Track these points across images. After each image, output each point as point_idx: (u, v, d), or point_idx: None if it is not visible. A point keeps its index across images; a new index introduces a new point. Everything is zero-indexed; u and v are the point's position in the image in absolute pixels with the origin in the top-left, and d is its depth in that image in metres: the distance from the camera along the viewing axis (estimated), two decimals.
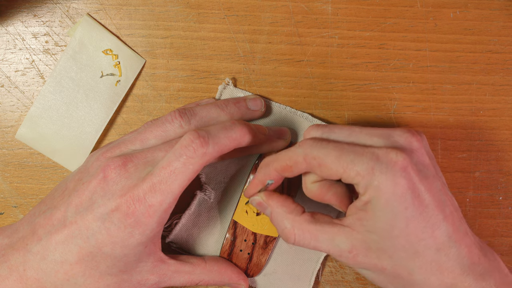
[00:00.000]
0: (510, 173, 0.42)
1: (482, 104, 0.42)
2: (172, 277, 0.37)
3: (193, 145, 0.32)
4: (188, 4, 0.41)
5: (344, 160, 0.31)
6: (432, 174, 0.31)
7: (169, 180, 0.33)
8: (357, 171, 0.30)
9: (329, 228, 0.32)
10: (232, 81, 0.41)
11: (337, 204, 0.35)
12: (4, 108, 0.41)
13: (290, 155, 0.33)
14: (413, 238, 0.30)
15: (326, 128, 0.34)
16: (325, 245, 0.32)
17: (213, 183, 0.41)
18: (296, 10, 0.41)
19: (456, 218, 0.32)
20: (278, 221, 0.34)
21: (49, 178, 0.42)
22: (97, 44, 0.40)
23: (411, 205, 0.30)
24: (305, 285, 0.41)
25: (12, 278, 0.34)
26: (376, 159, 0.30)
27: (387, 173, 0.30)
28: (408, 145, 0.31)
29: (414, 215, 0.30)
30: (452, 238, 0.31)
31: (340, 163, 0.31)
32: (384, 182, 0.30)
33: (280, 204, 0.34)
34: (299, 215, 0.33)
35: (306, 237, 0.33)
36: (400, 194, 0.30)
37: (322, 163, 0.31)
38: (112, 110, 0.41)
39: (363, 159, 0.30)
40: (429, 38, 0.42)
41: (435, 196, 0.31)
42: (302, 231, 0.33)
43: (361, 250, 0.31)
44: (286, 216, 0.34)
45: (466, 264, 0.31)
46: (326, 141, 0.32)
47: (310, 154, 0.32)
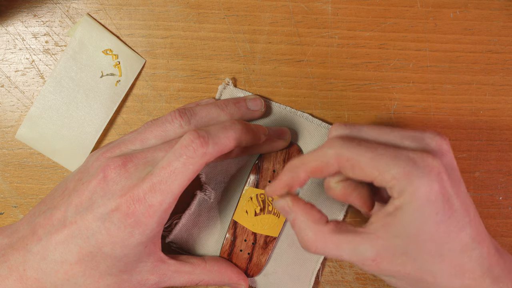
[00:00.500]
0: (510, 173, 0.42)
1: (482, 104, 0.42)
2: (172, 277, 0.37)
3: (193, 145, 0.32)
4: (188, 4, 0.41)
5: (379, 162, 0.30)
6: (459, 178, 0.31)
7: (169, 180, 0.33)
8: (393, 174, 0.30)
9: (353, 237, 0.31)
10: (232, 81, 0.41)
11: (360, 206, 0.35)
12: (4, 108, 0.41)
13: (321, 156, 0.31)
14: (440, 241, 0.30)
15: (354, 126, 0.33)
16: (348, 254, 0.31)
17: (213, 183, 0.41)
18: (296, 10, 0.41)
19: (478, 220, 0.32)
20: (300, 229, 0.32)
21: (49, 178, 0.42)
22: (97, 44, 0.40)
23: (442, 209, 0.30)
24: (305, 285, 0.41)
25: (12, 278, 0.34)
26: (413, 163, 0.29)
27: (424, 178, 0.29)
28: (439, 148, 0.31)
29: (443, 219, 0.30)
30: (476, 240, 0.31)
31: (375, 166, 0.30)
32: (420, 187, 0.29)
33: (306, 212, 0.32)
34: (323, 225, 0.32)
35: (328, 247, 0.32)
36: (433, 200, 0.29)
37: (355, 165, 0.30)
38: (112, 110, 0.41)
39: (400, 163, 0.29)
40: (429, 38, 0.42)
41: (462, 199, 0.31)
42: (325, 242, 0.32)
43: (385, 257, 0.31)
44: (310, 225, 0.32)
45: (485, 265, 0.31)
46: (357, 140, 0.31)
47: (343, 155, 0.31)
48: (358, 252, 0.31)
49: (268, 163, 0.40)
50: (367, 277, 0.43)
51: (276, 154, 0.40)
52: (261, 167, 0.40)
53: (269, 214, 0.40)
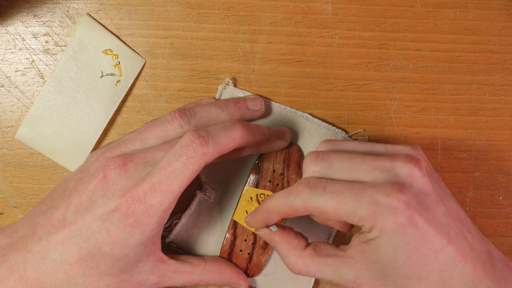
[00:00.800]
0: (510, 173, 0.42)
1: (482, 104, 0.42)
2: (172, 277, 0.37)
3: (193, 145, 0.32)
4: (188, 4, 0.41)
5: (344, 207, 0.31)
6: (435, 200, 0.31)
7: (169, 180, 0.32)
8: (359, 216, 0.31)
9: (332, 260, 0.33)
10: (232, 81, 0.41)
11: (339, 228, 0.36)
12: (4, 108, 0.41)
13: (290, 204, 0.33)
14: (416, 266, 0.31)
15: (325, 161, 0.33)
16: (329, 276, 0.33)
17: (213, 183, 0.41)
18: (296, 10, 0.41)
19: (461, 235, 0.32)
20: (282, 255, 0.35)
21: (49, 178, 0.42)
22: (97, 44, 0.40)
23: (413, 238, 0.30)
24: (305, 285, 0.41)
25: (12, 278, 0.34)
26: (376, 204, 0.30)
27: (388, 216, 0.30)
28: (409, 177, 0.31)
29: (416, 247, 0.30)
30: (457, 258, 0.31)
31: (341, 210, 0.31)
32: (386, 224, 0.30)
33: (283, 241, 0.35)
34: (301, 250, 0.34)
35: (310, 269, 0.34)
36: (401, 232, 0.30)
37: (323, 212, 0.32)
38: (112, 110, 0.41)
39: (363, 205, 0.30)
40: (429, 38, 0.42)
41: (437, 223, 0.31)
42: (305, 266, 0.34)
43: (365, 279, 0.32)
44: (290, 252, 0.35)
45: (470, 280, 0.31)
46: (323, 187, 0.32)
47: (310, 205, 0.32)
48: (339, 275, 0.33)
49: (268, 163, 0.40)
50: None
51: (276, 154, 0.40)
52: (261, 167, 0.40)
53: None
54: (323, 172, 0.33)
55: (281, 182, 0.40)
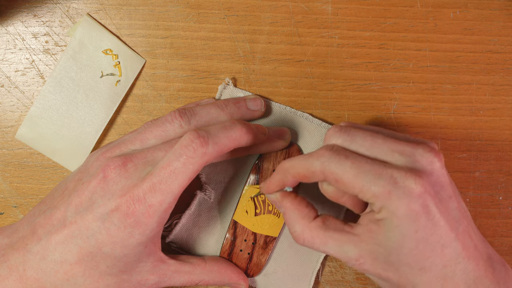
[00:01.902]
0: (510, 173, 0.42)
1: (482, 104, 0.42)
2: (172, 277, 0.37)
3: (193, 145, 0.32)
4: (188, 4, 0.41)
5: (361, 179, 0.31)
6: (449, 194, 0.31)
7: (169, 180, 0.32)
8: (373, 192, 0.30)
9: (339, 236, 0.33)
10: (232, 81, 0.41)
11: (351, 207, 0.35)
12: (4, 108, 0.41)
13: (308, 166, 0.32)
14: (421, 257, 0.31)
15: (348, 135, 0.33)
16: (333, 250, 0.33)
17: (213, 183, 0.41)
18: (296, 10, 0.41)
19: (467, 233, 0.32)
20: (289, 223, 0.34)
21: (49, 178, 0.42)
22: (97, 44, 0.40)
23: (423, 228, 0.30)
24: (305, 285, 0.41)
25: (12, 278, 0.34)
26: (394, 183, 0.30)
27: (403, 199, 0.30)
28: (429, 165, 0.31)
29: (424, 236, 0.30)
30: (461, 254, 0.31)
31: (357, 182, 0.31)
32: (398, 207, 0.30)
33: (294, 208, 0.34)
34: (310, 220, 0.34)
35: (315, 242, 0.33)
36: (413, 219, 0.30)
37: (339, 180, 0.31)
38: (112, 110, 0.41)
39: (381, 182, 0.30)
40: (429, 38, 0.42)
41: (449, 216, 0.31)
42: (311, 237, 0.33)
43: (367, 260, 0.32)
44: (298, 221, 0.34)
45: (471, 278, 0.31)
46: (345, 155, 0.32)
47: (328, 169, 0.32)
48: (343, 251, 0.32)
49: (268, 163, 0.40)
50: (367, 277, 0.43)
51: (276, 154, 0.40)
52: (261, 167, 0.40)
53: (269, 214, 0.40)
54: (345, 145, 0.33)
55: None
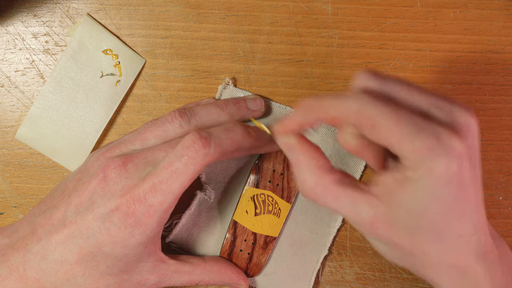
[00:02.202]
0: (510, 173, 0.42)
1: (482, 104, 0.42)
2: (172, 277, 0.37)
3: (195, 146, 0.32)
4: (188, 4, 0.41)
5: (402, 130, 0.27)
6: (479, 160, 0.30)
7: (170, 180, 0.33)
8: (414, 146, 0.27)
9: (354, 193, 0.29)
10: (232, 81, 0.41)
11: (373, 164, 0.32)
12: (4, 108, 0.41)
13: (341, 107, 0.29)
14: (443, 223, 0.29)
15: (382, 79, 0.30)
16: (345, 209, 0.29)
17: (213, 183, 0.41)
18: (296, 10, 0.41)
19: (483, 207, 0.30)
20: (301, 172, 0.30)
21: (49, 178, 0.42)
22: (97, 44, 0.40)
23: (454, 191, 0.28)
24: (305, 285, 0.41)
25: (12, 278, 0.34)
26: (437, 139, 0.27)
27: (445, 158, 0.27)
28: (467, 126, 0.29)
29: (452, 203, 0.28)
30: (477, 227, 0.30)
31: (397, 132, 0.27)
32: (439, 166, 0.27)
33: (310, 155, 0.30)
34: (327, 172, 0.30)
35: (327, 196, 0.30)
36: (449, 180, 0.27)
37: (376, 126, 0.28)
38: (112, 110, 0.41)
39: (423, 136, 0.27)
40: (429, 38, 0.42)
41: (476, 185, 0.29)
42: (324, 190, 0.30)
43: (382, 223, 0.29)
44: (313, 170, 0.30)
45: (481, 251, 0.30)
46: (385, 101, 0.28)
47: (365, 113, 0.28)
48: (356, 210, 0.29)
49: (268, 163, 0.40)
50: (367, 277, 0.43)
51: (276, 154, 0.40)
52: (261, 167, 0.40)
53: (269, 214, 0.40)
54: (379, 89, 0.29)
55: (281, 182, 0.40)
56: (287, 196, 0.40)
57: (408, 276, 0.43)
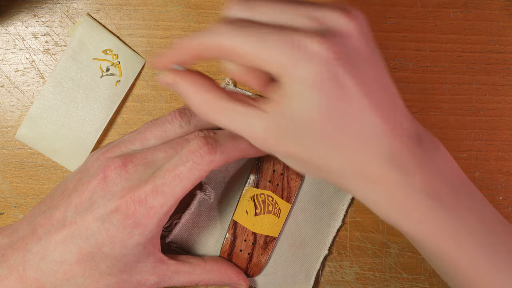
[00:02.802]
0: (510, 173, 0.42)
1: (482, 104, 0.42)
2: (172, 277, 0.37)
3: (201, 151, 0.32)
4: (188, 4, 0.41)
5: (259, 48, 0.27)
6: (363, 60, 0.28)
7: (173, 184, 0.33)
8: (274, 61, 0.27)
9: (244, 109, 0.29)
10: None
11: (258, 86, 0.32)
12: (4, 108, 0.41)
13: (203, 42, 0.29)
14: (330, 127, 0.28)
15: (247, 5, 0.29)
16: (238, 126, 0.30)
17: (213, 183, 0.41)
18: None
19: (387, 106, 0.29)
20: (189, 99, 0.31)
21: (49, 178, 0.42)
22: (97, 44, 0.40)
23: (330, 95, 0.27)
24: (305, 285, 0.41)
25: (12, 278, 0.34)
26: (296, 47, 0.27)
27: (306, 64, 0.27)
28: (339, 27, 0.28)
29: (332, 105, 0.27)
30: (377, 127, 0.28)
31: (256, 54, 0.27)
32: (302, 73, 0.27)
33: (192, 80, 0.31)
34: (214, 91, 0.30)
35: (219, 115, 0.30)
36: (318, 84, 0.27)
37: (236, 54, 0.28)
38: (112, 110, 0.41)
39: (280, 47, 0.27)
40: (429, 38, 0.42)
41: (363, 85, 0.28)
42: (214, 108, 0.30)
43: (273, 136, 0.29)
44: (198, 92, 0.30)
45: (391, 155, 0.29)
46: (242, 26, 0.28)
47: (223, 44, 0.28)
48: (249, 125, 0.29)
49: (268, 163, 0.40)
50: (367, 277, 0.43)
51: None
52: (261, 167, 0.40)
53: (269, 214, 0.40)
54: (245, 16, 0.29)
55: (281, 182, 0.40)
56: (287, 196, 0.40)
57: (408, 276, 0.43)
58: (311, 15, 0.28)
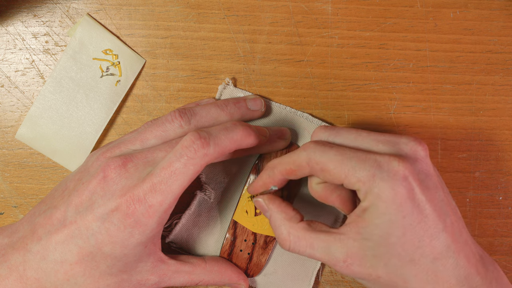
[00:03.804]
0: (510, 173, 0.42)
1: (482, 104, 0.42)
2: (172, 277, 0.37)
3: (194, 146, 0.32)
4: (188, 4, 0.41)
5: (346, 165, 0.31)
6: (435, 184, 0.31)
7: (170, 181, 0.33)
8: (358, 177, 0.30)
9: (325, 237, 0.32)
10: (232, 81, 0.41)
11: (340, 207, 0.35)
12: (4, 108, 0.41)
13: (294, 159, 0.33)
14: (410, 246, 0.30)
15: (333, 130, 0.34)
16: (319, 253, 0.32)
17: (213, 183, 0.41)
18: (296, 10, 0.41)
19: (457, 228, 0.31)
20: (275, 225, 0.34)
21: (49, 178, 0.42)
22: (97, 44, 0.40)
23: (410, 214, 0.30)
24: (305, 285, 0.41)
25: (12, 278, 0.34)
26: (378, 166, 0.30)
27: (388, 181, 0.30)
28: (413, 154, 0.31)
29: (412, 224, 0.30)
30: (451, 248, 0.31)
31: (342, 169, 0.31)
32: (384, 190, 0.30)
33: (280, 210, 0.35)
34: (296, 222, 0.34)
35: (301, 244, 0.33)
36: (399, 203, 0.30)
37: (324, 168, 0.32)
38: (112, 110, 0.41)
39: (365, 166, 0.30)
40: (429, 38, 0.42)
41: (436, 206, 0.31)
42: (297, 238, 0.33)
43: (355, 259, 0.31)
44: (284, 222, 0.34)
45: (462, 275, 0.31)
46: (330, 145, 0.32)
47: (313, 159, 0.32)
48: (330, 252, 0.32)
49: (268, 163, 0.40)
50: None
51: (276, 154, 0.40)
52: (261, 167, 0.40)
53: None
54: (330, 139, 0.34)
55: None
56: (287, 196, 0.40)
57: None
58: (387, 140, 0.32)
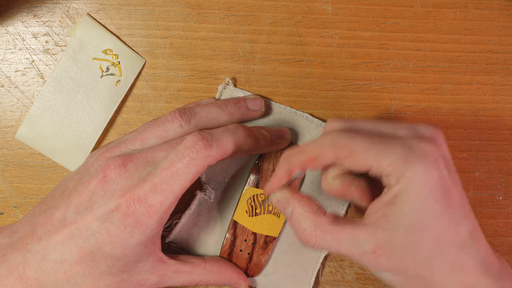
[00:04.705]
0: (510, 173, 0.42)
1: (482, 104, 0.42)
2: (172, 277, 0.37)
3: (197, 146, 0.32)
4: (188, 4, 0.41)
5: (375, 149, 0.29)
6: (454, 169, 0.31)
7: (171, 181, 0.33)
8: (389, 161, 0.29)
9: (352, 229, 0.30)
10: (232, 81, 0.41)
11: (360, 199, 0.34)
12: (4, 108, 0.41)
13: (317, 145, 0.31)
14: (439, 233, 0.29)
15: (347, 121, 0.33)
16: (346, 246, 0.31)
17: (213, 183, 0.41)
18: (296, 10, 0.41)
19: (473, 215, 0.31)
20: (299, 221, 0.32)
21: (49, 178, 0.42)
22: (97, 44, 0.40)
23: (441, 198, 0.29)
24: (305, 285, 0.41)
25: (12, 278, 0.34)
26: (409, 148, 0.29)
27: (421, 163, 0.28)
28: (434, 138, 0.31)
29: (442, 209, 0.29)
30: (472, 236, 0.30)
31: (371, 153, 0.29)
32: (418, 172, 0.28)
33: (303, 204, 0.32)
34: (321, 216, 0.32)
35: (327, 239, 0.31)
36: (432, 186, 0.28)
37: (351, 153, 0.30)
38: (112, 110, 0.41)
39: (396, 149, 0.29)
40: (429, 38, 0.42)
41: (459, 192, 0.30)
42: (324, 233, 0.31)
43: (385, 250, 0.30)
44: (308, 217, 0.32)
45: (484, 263, 0.30)
46: (353, 131, 0.31)
47: (339, 144, 0.30)
48: (358, 244, 0.30)
49: (268, 163, 0.40)
50: (367, 277, 0.43)
51: (276, 154, 0.40)
52: (261, 167, 0.40)
53: (269, 214, 0.40)
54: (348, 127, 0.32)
55: None
56: None
57: None
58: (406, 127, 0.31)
